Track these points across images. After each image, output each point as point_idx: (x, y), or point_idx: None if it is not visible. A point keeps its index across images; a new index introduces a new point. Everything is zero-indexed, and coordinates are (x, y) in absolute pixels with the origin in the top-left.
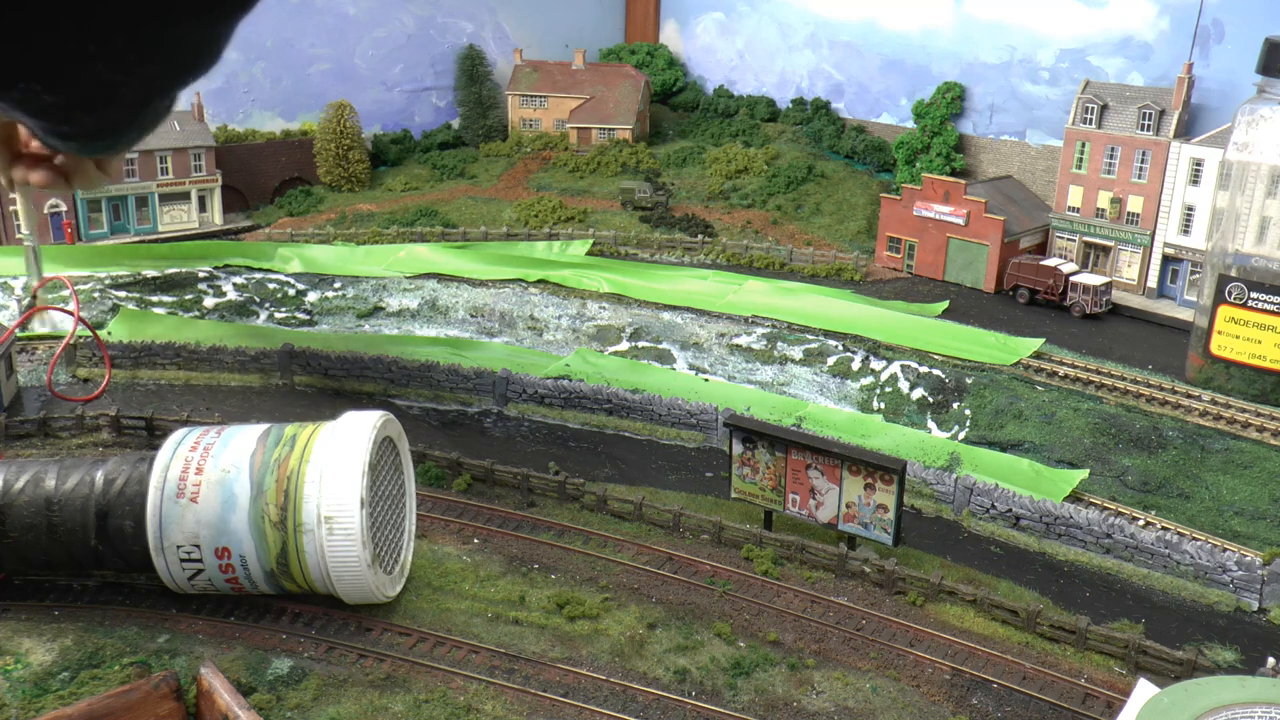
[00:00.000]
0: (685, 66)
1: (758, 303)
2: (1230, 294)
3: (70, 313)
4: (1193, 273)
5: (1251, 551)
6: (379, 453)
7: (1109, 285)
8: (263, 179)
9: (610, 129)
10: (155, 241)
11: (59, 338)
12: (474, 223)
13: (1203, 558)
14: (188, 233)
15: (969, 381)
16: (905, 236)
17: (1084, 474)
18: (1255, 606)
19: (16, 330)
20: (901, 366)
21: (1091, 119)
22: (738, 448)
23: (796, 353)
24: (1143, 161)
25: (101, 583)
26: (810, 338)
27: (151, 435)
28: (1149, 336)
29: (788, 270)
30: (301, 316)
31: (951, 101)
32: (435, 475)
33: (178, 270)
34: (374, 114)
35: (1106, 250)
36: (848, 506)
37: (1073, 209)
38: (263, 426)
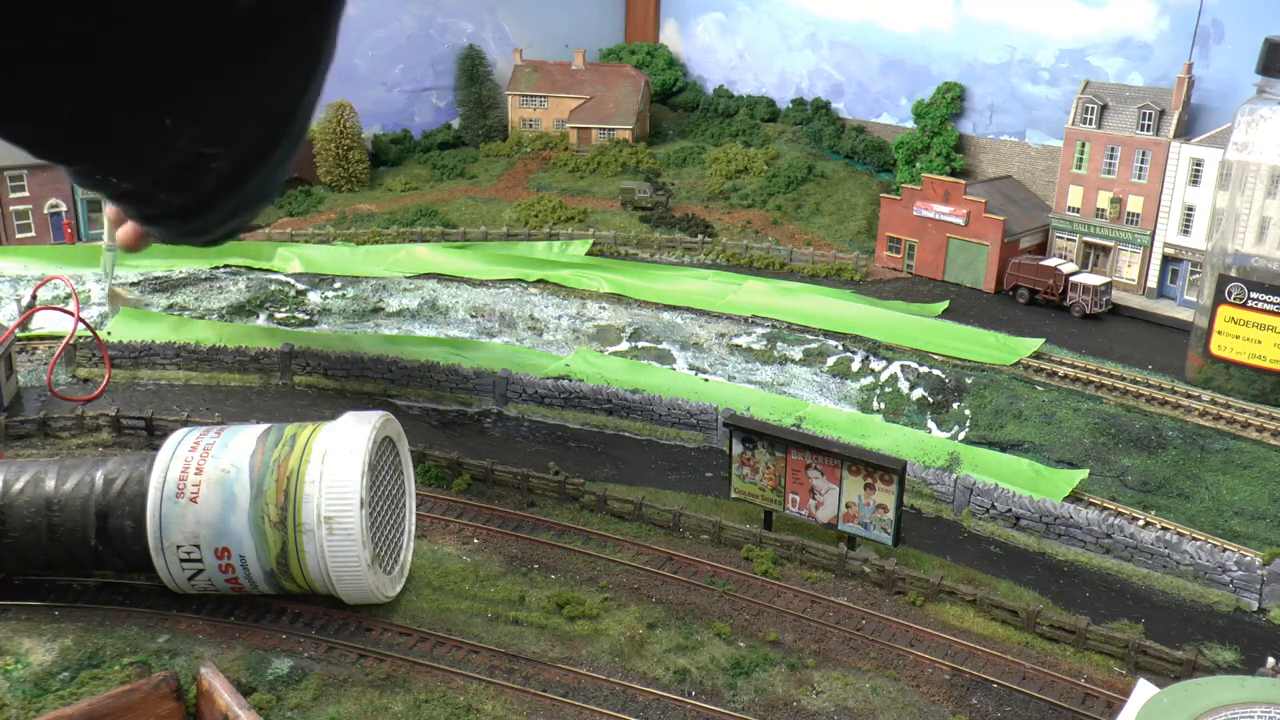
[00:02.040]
0: (685, 66)
1: (758, 303)
2: (1230, 294)
3: (70, 313)
4: (1193, 273)
5: (1251, 551)
6: (379, 453)
7: (1109, 285)
8: None
9: (610, 129)
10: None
11: (59, 338)
12: (474, 223)
13: (1202, 558)
14: None
15: (969, 381)
16: (905, 236)
17: (1084, 474)
18: (1255, 606)
19: (16, 330)
20: (901, 366)
21: (1091, 119)
22: (738, 448)
23: (796, 353)
24: (1143, 161)
25: (101, 583)
26: (810, 338)
27: (151, 435)
28: (1149, 336)
29: (788, 270)
30: (301, 316)
31: (951, 101)
32: (435, 475)
33: (178, 270)
34: (374, 114)
35: (1106, 250)
36: (847, 506)
37: (1073, 209)
38: (263, 426)
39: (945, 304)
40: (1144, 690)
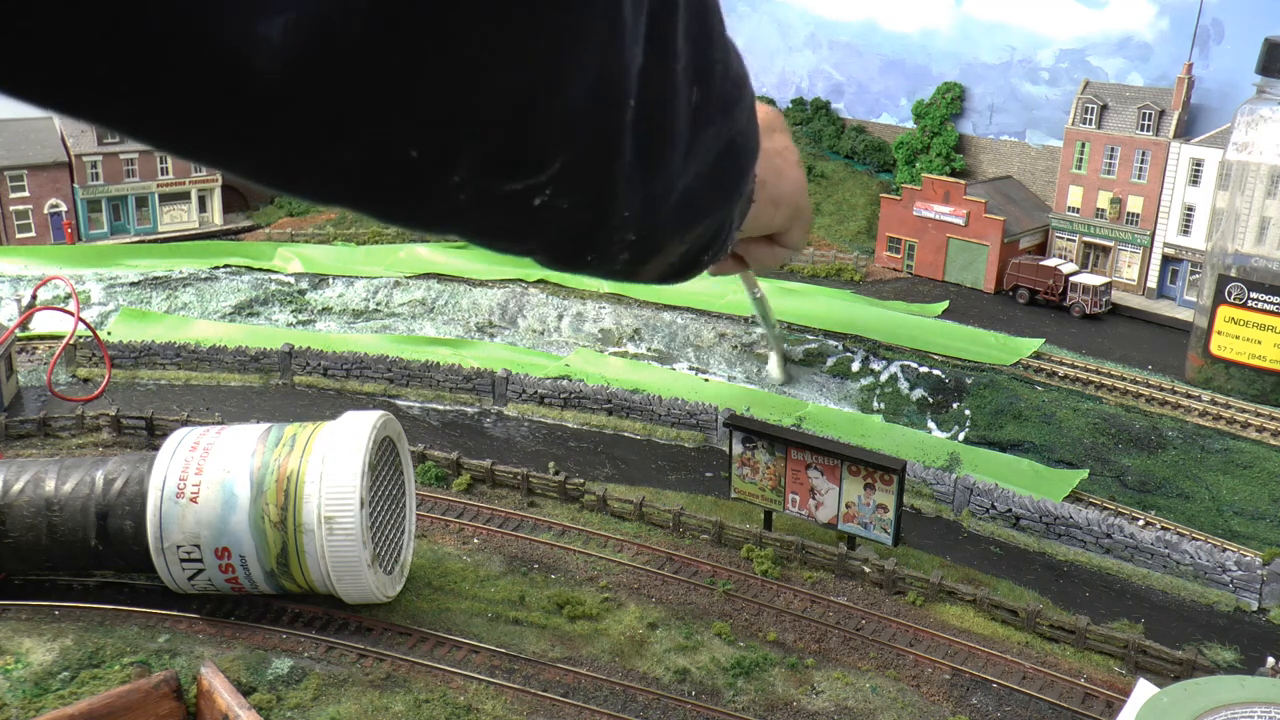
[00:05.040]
0: None
1: None
2: (1230, 294)
3: (70, 313)
4: (1193, 273)
5: (1251, 551)
6: (379, 453)
7: (1109, 285)
8: None
9: None
10: (155, 241)
11: (59, 338)
12: None
13: (1202, 558)
14: (188, 233)
15: (969, 381)
16: (905, 237)
17: (1084, 474)
18: (1255, 606)
19: (17, 330)
20: (901, 367)
21: (1091, 119)
22: (738, 448)
23: (796, 353)
24: (1142, 162)
25: (101, 583)
26: (810, 338)
27: (151, 435)
28: (1149, 336)
29: (788, 270)
30: (302, 316)
31: (951, 102)
32: (435, 475)
33: (178, 270)
34: None
35: (1106, 250)
36: (847, 506)
37: (1073, 209)
38: (263, 426)
39: (945, 304)
40: (1144, 690)
